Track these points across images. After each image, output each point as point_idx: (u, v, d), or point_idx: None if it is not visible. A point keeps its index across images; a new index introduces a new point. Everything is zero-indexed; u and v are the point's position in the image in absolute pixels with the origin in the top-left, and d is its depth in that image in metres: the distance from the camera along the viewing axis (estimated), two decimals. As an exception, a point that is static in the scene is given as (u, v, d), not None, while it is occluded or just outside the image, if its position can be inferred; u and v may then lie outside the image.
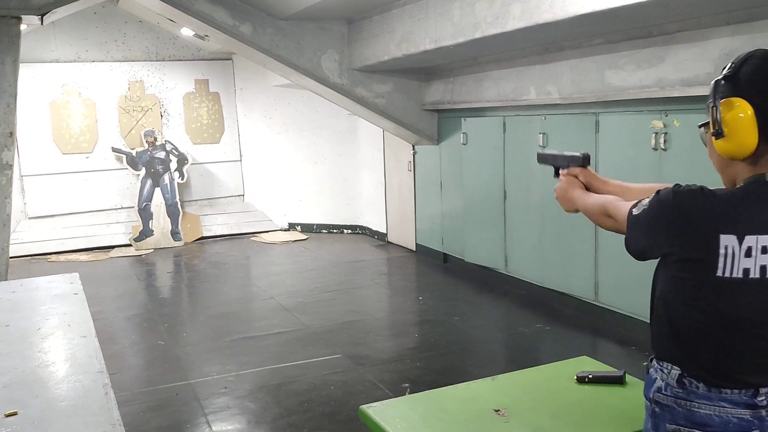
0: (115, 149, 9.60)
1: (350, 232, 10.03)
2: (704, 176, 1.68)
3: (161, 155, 9.65)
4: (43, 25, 5.46)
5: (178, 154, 9.74)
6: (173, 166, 9.70)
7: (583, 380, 2.37)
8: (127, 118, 9.71)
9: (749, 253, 1.44)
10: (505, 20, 4.68)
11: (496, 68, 6.38)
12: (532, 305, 6.14)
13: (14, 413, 1.81)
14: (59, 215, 9.42)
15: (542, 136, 5.94)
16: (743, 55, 1.51)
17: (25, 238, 9.01)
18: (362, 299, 6.79)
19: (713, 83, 1.53)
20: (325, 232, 10.11)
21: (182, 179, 9.77)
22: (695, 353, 1.54)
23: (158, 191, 9.62)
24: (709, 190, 1.49)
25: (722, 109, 1.49)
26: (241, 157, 10.43)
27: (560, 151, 2.14)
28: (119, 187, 9.73)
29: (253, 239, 9.85)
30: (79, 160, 9.52)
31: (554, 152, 2.15)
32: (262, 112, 10.26)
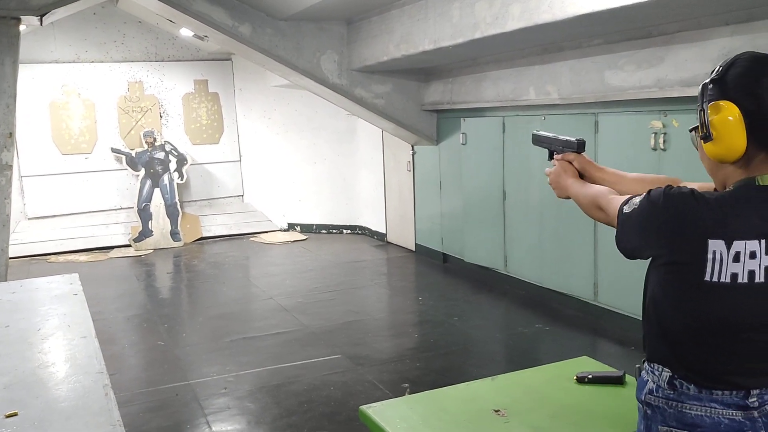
0: (114, 150, 9.60)
1: (349, 232, 10.03)
2: (703, 177, 1.68)
3: (160, 156, 9.65)
4: (42, 25, 5.47)
5: (177, 154, 9.73)
6: (173, 166, 9.70)
7: (582, 380, 2.38)
8: (126, 118, 9.71)
9: (738, 258, 1.43)
10: (504, 21, 4.68)
11: (495, 68, 6.38)
12: (531, 305, 6.14)
13: (14, 414, 1.81)
14: (59, 216, 9.42)
15: (542, 136, 5.94)
16: (730, 58, 1.51)
17: (24, 238, 9.00)
18: (362, 299, 6.79)
19: (701, 86, 1.53)
20: (324, 232, 10.11)
21: (182, 180, 9.77)
22: (685, 355, 1.53)
23: (158, 192, 9.62)
24: (699, 193, 1.47)
25: (710, 112, 1.48)
26: (240, 157, 10.43)
27: (556, 134, 2.09)
28: (119, 187, 9.73)
29: (252, 239, 9.85)
30: (78, 160, 9.52)
31: (550, 135, 2.10)
32: (261, 112, 10.26)
